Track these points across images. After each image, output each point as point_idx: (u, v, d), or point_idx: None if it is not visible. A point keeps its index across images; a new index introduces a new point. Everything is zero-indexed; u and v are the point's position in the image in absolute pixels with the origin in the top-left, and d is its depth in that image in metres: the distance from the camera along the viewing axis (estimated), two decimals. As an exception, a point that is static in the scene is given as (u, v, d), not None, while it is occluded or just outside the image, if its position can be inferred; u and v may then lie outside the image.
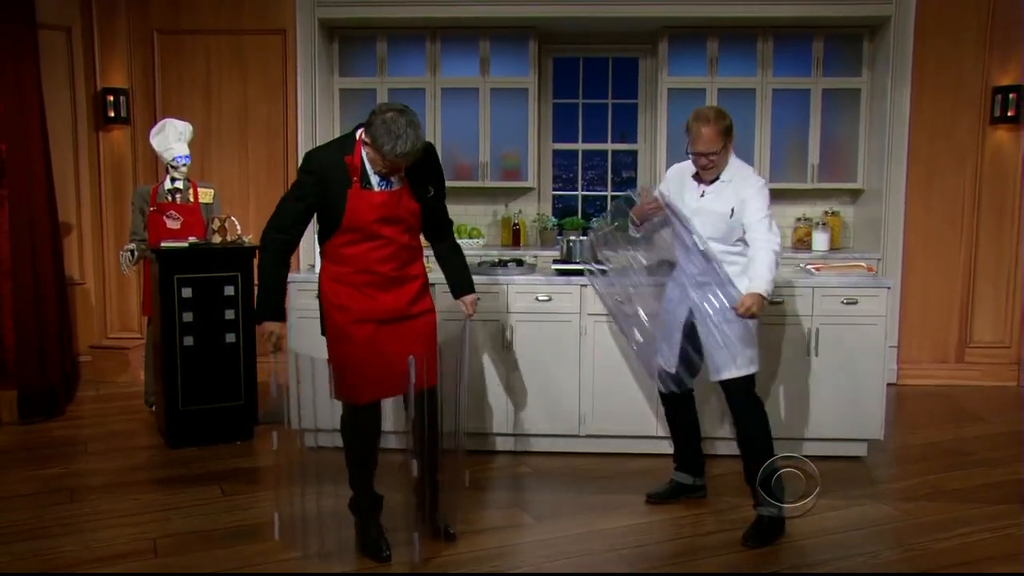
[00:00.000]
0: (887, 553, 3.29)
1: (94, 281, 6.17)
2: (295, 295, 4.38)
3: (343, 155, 3.02)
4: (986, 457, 4.44)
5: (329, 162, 3.03)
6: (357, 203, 3.00)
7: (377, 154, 2.94)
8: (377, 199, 3.02)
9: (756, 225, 3.34)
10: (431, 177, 3.17)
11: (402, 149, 2.88)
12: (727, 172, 3.43)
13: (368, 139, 2.96)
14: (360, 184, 3.01)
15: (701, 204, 3.44)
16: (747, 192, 3.37)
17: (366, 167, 3.03)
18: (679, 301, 3.51)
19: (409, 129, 2.88)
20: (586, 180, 7.01)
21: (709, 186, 3.44)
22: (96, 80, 6.02)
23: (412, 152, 2.91)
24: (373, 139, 2.92)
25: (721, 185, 3.43)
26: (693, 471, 3.80)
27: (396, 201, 3.05)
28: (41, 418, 5.08)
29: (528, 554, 3.29)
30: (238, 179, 6.16)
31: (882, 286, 4.29)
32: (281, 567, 3.18)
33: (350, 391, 3.15)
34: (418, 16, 6.03)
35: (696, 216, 3.44)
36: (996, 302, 6.07)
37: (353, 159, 3.01)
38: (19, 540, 3.38)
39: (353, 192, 3.00)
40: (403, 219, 3.08)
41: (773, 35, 6.24)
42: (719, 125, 3.33)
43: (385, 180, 3.05)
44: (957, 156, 6.00)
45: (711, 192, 3.44)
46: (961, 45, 5.90)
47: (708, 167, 3.39)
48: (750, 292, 3.26)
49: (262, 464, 4.37)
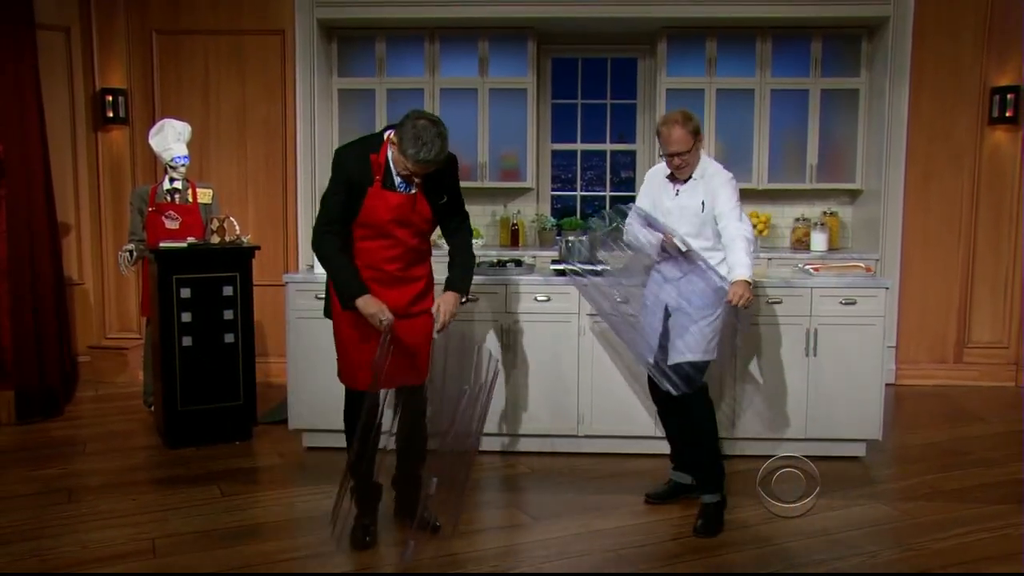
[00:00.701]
0: (886, 553, 3.30)
1: (93, 281, 6.17)
2: (293, 295, 4.38)
3: (369, 152, 3.14)
4: (984, 457, 4.45)
5: (355, 157, 3.15)
6: (375, 202, 3.12)
7: (401, 156, 3.03)
8: (393, 201, 3.13)
9: (727, 215, 3.51)
10: (447, 186, 3.26)
11: (425, 156, 2.98)
12: (698, 170, 3.58)
13: (396, 139, 3.05)
14: (381, 184, 3.13)
15: (676, 202, 3.60)
16: (716, 185, 3.54)
17: (390, 168, 3.14)
18: (655, 298, 3.64)
19: (437, 140, 3.00)
20: (585, 180, 7.01)
21: (683, 185, 3.59)
22: (95, 80, 6.02)
23: (434, 161, 3.02)
24: (400, 140, 3.02)
25: (693, 183, 3.58)
26: (691, 471, 3.81)
27: (411, 205, 3.16)
28: (40, 418, 5.08)
29: (527, 554, 3.29)
30: (237, 179, 6.15)
31: (880, 286, 4.30)
32: (280, 567, 3.18)
33: (347, 376, 3.29)
34: (417, 16, 6.03)
35: (671, 215, 3.59)
36: (994, 302, 6.07)
37: (378, 157, 3.13)
38: (18, 540, 3.37)
39: (373, 191, 3.12)
40: (414, 223, 3.19)
41: (772, 36, 6.24)
42: (688, 127, 3.49)
43: (406, 183, 3.14)
44: (955, 156, 6.01)
45: (684, 190, 3.59)
46: (959, 45, 5.91)
47: (681, 166, 3.54)
48: (735, 281, 3.41)
49: (261, 464, 4.37)
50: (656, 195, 3.68)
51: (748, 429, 4.31)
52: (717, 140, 6.29)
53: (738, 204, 3.53)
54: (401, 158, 3.04)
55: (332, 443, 4.44)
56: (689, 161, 3.52)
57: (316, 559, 3.23)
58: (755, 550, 3.33)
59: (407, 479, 3.47)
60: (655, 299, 3.65)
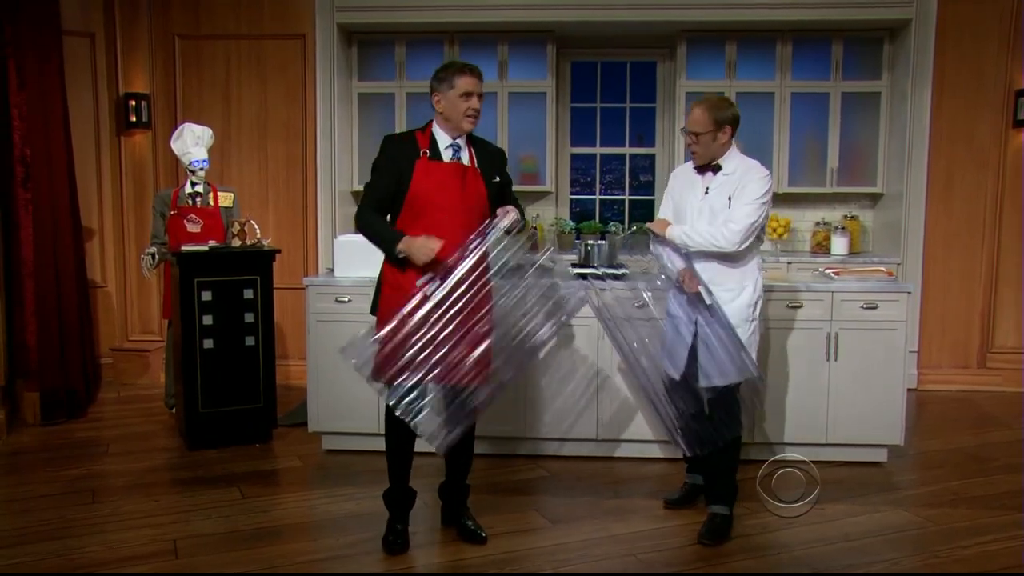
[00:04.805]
0: (908, 560, 3.27)
1: (115, 284, 6.23)
2: (313, 298, 4.40)
3: (414, 131, 3.25)
4: (1009, 463, 4.39)
5: (399, 137, 3.29)
6: (424, 171, 3.16)
7: (452, 89, 3.14)
8: (444, 168, 3.19)
9: (732, 214, 3.34)
10: (498, 169, 3.35)
11: (470, 64, 3.18)
12: (729, 164, 3.43)
13: (438, 86, 3.18)
14: (428, 156, 3.18)
15: (706, 201, 3.45)
16: (748, 180, 3.38)
17: (436, 142, 3.22)
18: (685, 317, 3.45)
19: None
20: (604, 184, 7.00)
21: (713, 180, 3.43)
22: (118, 85, 6.09)
23: (477, 68, 3.18)
24: (445, 78, 3.16)
25: (724, 178, 3.43)
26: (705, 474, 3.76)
27: (462, 173, 3.20)
28: (63, 419, 5.13)
29: (545, 557, 3.29)
30: (257, 183, 6.20)
31: (902, 290, 4.26)
32: (301, 568, 3.20)
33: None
34: (436, 21, 6.05)
35: (702, 215, 3.43)
36: (1018, 307, 6.00)
37: (423, 134, 3.22)
38: (42, 540, 3.42)
39: (421, 163, 3.17)
40: (467, 196, 3.18)
41: (792, 39, 6.21)
42: (712, 110, 3.36)
43: (455, 151, 3.21)
44: (978, 159, 5.95)
45: (715, 188, 3.44)
46: (983, 48, 5.85)
47: (691, 146, 3.42)
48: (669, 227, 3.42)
49: (281, 466, 4.39)
50: (681, 195, 3.53)
51: (768, 434, 4.28)
52: (737, 143, 6.23)
53: (752, 205, 3.31)
54: (452, 93, 3.14)
55: (352, 446, 4.47)
56: (702, 145, 3.37)
57: (336, 561, 3.25)
58: (774, 555, 3.31)
59: (454, 488, 3.47)
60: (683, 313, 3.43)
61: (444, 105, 3.20)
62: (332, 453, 4.51)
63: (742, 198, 3.36)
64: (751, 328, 3.46)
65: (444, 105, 3.20)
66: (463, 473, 3.46)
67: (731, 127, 3.40)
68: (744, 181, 3.38)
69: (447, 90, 3.17)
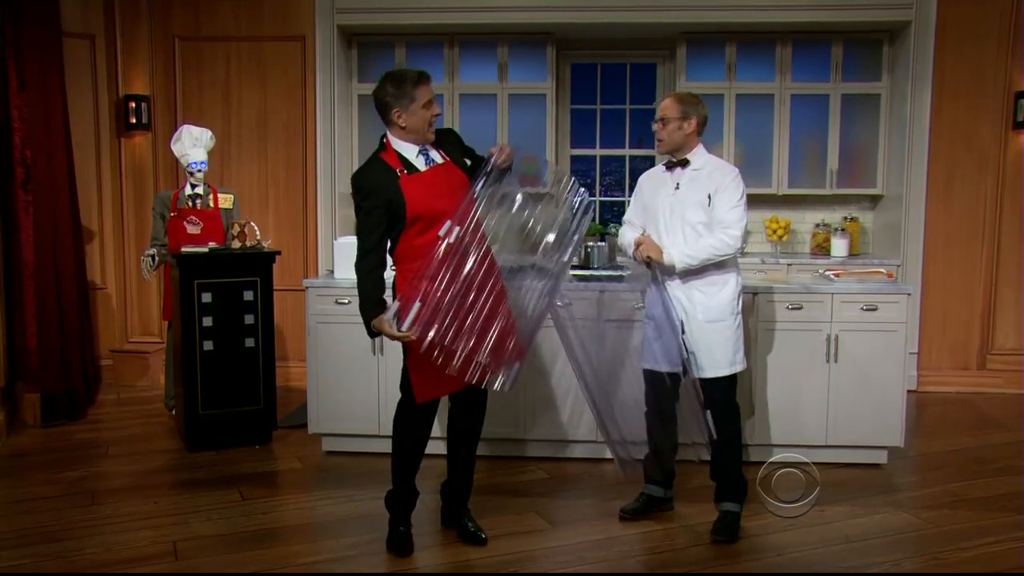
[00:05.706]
0: (909, 562, 3.26)
1: (115, 286, 6.24)
2: (313, 300, 4.40)
3: (378, 155, 3.18)
4: (1009, 465, 4.38)
5: (367, 170, 3.19)
6: (411, 187, 3.10)
7: (413, 102, 3.11)
8: (426, 176, 3.14)
9: (723, 218, 3.39)
10: (462, 149, 3.34)
11: (419, 71, 3.16)
12: (697, 160, 3.48)
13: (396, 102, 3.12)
14: (406, 172, 3.12)
15: (676, 197, 3.48)
16: (722, 181, 3.42)
17: (403, 155, 3.16)
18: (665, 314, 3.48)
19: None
20: (604, 185, 7.00)
21: (683, 175, 3.47)
22: (118, 87, 6.09)
23: (427, 73, 3.19)
24: (402, 93, 3.11)
25: (693, 173, 3.47)
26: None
27: (445, 173, 3.17)
28: (63, 421, 5.13)
29: (545, 559, 3.29)
30: (257, 184, 6.20)
31: (902, 292, 4.26)
32: (300, 569, 3.20)
33: (427, 388, 3.19)
34: (436, 23, 6.05)
35: (673, 212, 3.47)
36: (1019, 308, 5.99)
37: (387, 155, 3.16)
38: (42, 542, 3.41)
39: (404, 179, 3.10)
40: (456, 188, 3.14)
41: (792, 40, 6.21)
42: (682, 101, 3.46)
43: (425, 156, 3.17)
44: (978, 161, 5.95)
45: (684, 183, 3.48)
46: (983, 49, 5.86)
47: (659, 133, 3.48)
48: (666, 251, 3.40)
49: (280, 468, 4.39)
50: (652, 195, 3.57)
51: (768, 436, 4.28)
52: (737, 145, 6.27)
53: (740, 205, 3.39)
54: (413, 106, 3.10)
55: (351, 447, 4.47)
56: (668, 131, 3.43)
57: (337, 562, 3.25)
58: (775, 557, 3.31)
59: (457, 487, 3.47)
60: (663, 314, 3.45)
61: (407, 119, 3.13)
62: (332, 455, 4.51)
63: (726, 202, 3.41)
64: (736, 322, 3.50)
65: (407, 119, 3.13)
66: (467, 471, 3.45)
67: (697, 121, 3.47)
68: (720, 181, 3.43)
69: (408, 104, 3.12)
